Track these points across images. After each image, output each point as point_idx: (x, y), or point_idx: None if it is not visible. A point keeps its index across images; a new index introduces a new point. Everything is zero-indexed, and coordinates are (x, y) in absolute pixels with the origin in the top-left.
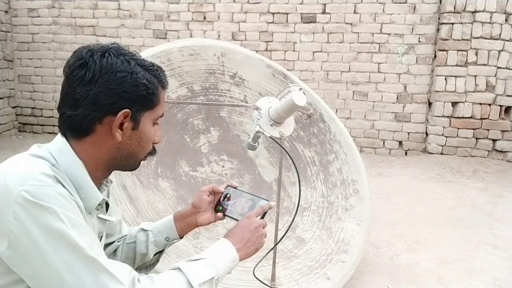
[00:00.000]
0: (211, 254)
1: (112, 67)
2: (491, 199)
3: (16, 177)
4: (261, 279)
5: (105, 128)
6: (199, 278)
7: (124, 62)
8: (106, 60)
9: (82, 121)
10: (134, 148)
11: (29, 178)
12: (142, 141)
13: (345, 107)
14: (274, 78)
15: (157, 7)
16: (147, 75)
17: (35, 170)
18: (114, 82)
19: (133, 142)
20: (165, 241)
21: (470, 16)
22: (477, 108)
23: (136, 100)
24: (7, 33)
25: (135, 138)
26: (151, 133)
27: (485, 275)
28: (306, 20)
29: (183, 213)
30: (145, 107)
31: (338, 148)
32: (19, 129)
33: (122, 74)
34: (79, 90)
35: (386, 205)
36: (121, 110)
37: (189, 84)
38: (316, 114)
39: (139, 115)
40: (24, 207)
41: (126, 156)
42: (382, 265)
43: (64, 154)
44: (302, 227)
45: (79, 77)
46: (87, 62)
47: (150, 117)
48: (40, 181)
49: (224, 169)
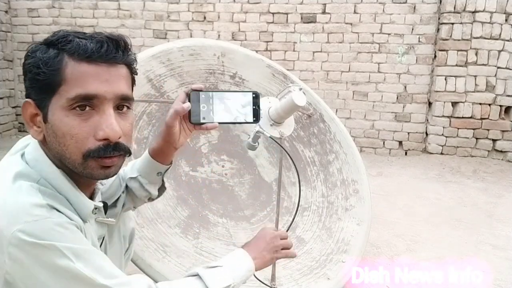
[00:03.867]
0: (228, 263)
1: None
2: (491, 199)
3: (6, 215)
4: (261, 279)
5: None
6: (216, 284)
7: (42, 49)
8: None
9: None
10: (55, 147)
11: (21, 214)
12: (58, 137)
13: (345, 107)
14: (274, 78)
15: (157, 7)
16: (43, 52)
17: (25, 203)
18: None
19: (51, 139)
20: (158, 176)
21: (470, 16)
22: (477, 108)
23: (32, 86)
24: (7, 33)
25: (50, 134)
26: (65, 124)
27: (485, 275)
28: (306, 20)
29: (158, 148)
30: (45, 91)
31: (338, 148)
32: (19, 129)
33: (28, 61)
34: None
35: (386, 205)
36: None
37: (189, 84)
38: (316, 114)
39: (44, 103)
40: (22, 248)
41: (58, 156)
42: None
43: (40, 164)
44: (302, 227)
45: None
46: (29, 55)
47: (58, 103)
48: (33, 216)
49: (224, 169)
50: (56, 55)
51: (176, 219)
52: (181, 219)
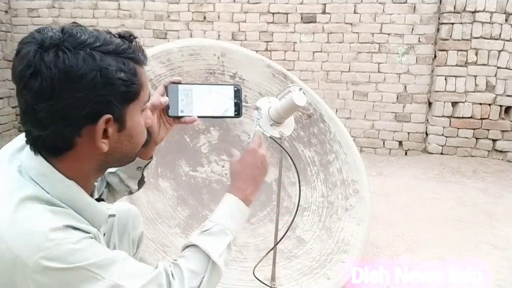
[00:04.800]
0: (220, 217)
1: (73, 70)
2: (491, 199)
3: (25, 244)
4: (261, 279)
5: (87, 139)
6: (217, 249)
7: (86, 59)
8: (63, 61)
9: (56, 140)
10: (126, 149)
11: (40, 241)
12: (133, 138)
13: (345, 107)
14: (274, 78)
15: (157, 7)
16: (120, 63)
17: (43, 229)
18: (81, 89)
19: (124, 143)
20: (138, 170)
21: (470, 16)
22: (477, 108)
23: (115, 100)
24: (7, 33)
25: (124, 138)
26: (141, 124)
27: (485, 275)
28: (306, 20)
29: None
30: (127, 101)
31: (338, 148)
32: (19, 129)
33: (89, 77)
34: (40, 107)
35: (386, 205)
36: (101, 117)
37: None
38: (316, 114)
39: (123, 113)
40: (47, 274)
41: (119, 158)
42: (382, 265)
43: (50, 180)
44: (302, 227)
45: (35, 92)
46: (39, 70)
47: (136, 108)
48: (53, 241)
49: (224, 169)
50: (131, 66)
51: (176, 219)
52: (181, 219)
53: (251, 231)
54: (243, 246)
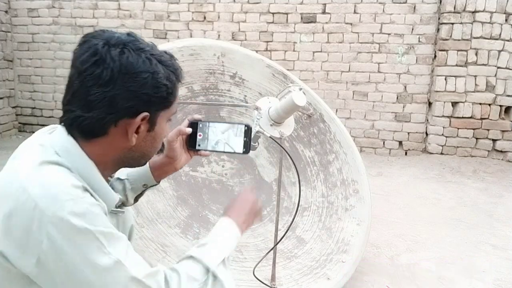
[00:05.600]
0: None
1: (133, 67)
2: (491, 199)
3: (46, 195)
4: (261, 279)
5: (120, 130)
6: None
7: (145, 61)
8: (126, 58)
9: (95, 124)
10: (147, 149)
11: (60, 194)
12: (155, 142)
13: (345, 107)
14: (274, 78)
15: (157, 7)
16: (166, 73)
17: (64, 183)
18: (134, 84)
19: (147, 143)
20: (143, 187)
21: (470, 16)
22: (477, 108)
23: (156, 102)
24: (7, 33)
25: (149, 139)
26: (164, 131)
27: (485, 275)
28: (306, 20)
29: (160, 163)
30: (163, 107)
31: (338, 148)
32: (19, 129)
33: (143, 75)
34: (94, 91)
35: (386, 205)
36: (139, 113)
37: (189, 84)
38: (316, 114)
39: (156, 116)
40: (61, 228)
41: (138, 157)
42: (382, 265)
43: (73, 156)
44: (302, 227)
45: (95, 76)
46: (104, 59)
47: (165, 116)
48: (73, 196)
49: (224, 169)
50: (173, 79)
51: (176, 219)
52: (181, 219)
53: (251, 231)
54: (243, 246)
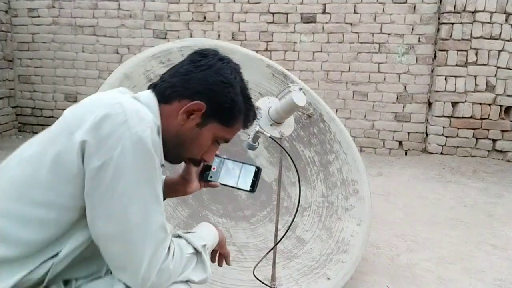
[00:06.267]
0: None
1: (222, 70)
2: (491, 199)
3: (137, 116)
4: (261, 279)
5: (179, 107)
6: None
7: (233, 76)
8: (222, 63)
9: (168, 89)
10: (187, 142)
11: (147, 122)
12: (196, 141)
13: (345, 107)
14: (274, 78)
15: (157, 7)
16: (240, 101)
17: (151, 116)
18: (213, 80)
19: (189, 136)
20: None
21: (470, 16)
22: (477, 108)
23: (216, 106)
24: (7, 33)
25: (193, 134)
26: (207, 143)
27: (485, 275)
28: (306, 20)
29: (174, 181)
30: (219, 119)
31: (338, 148)
32: (19, 129)
33: (224, 80)
34: (185, 67)
35: (386, 205)
36: (200, 101)
37: None
38: (316, 114)
39: (210, 120)
40: (135, 146)
41: (176, 144)
42: (382, 265)
43: (151, 110)
44: (302, 227)
45: (192, 60)
46: (207, 55)
47: (216, 131)
48: (153, 127)
49: None
50: (241, 111)
51: (176, 219)
52: (181, 219)
53: (251, 231)
54: (243, 246)
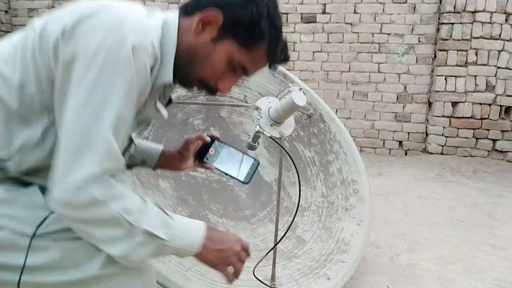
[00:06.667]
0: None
1: None
2: (491, 199)
3: (133, 23)
4: (261, 279)
5: (199, 17)
6: (150, 226)
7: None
8: None
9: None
10: (198, 58)
11: (141, 32)
12: (209, 58)
13: (345, 107)
14: (274, 78)
15: (157, 7)
16: (264, 24)
17: (149, 31)
18: None
19: (201, 51)
20: (140, 162)
21: (470, 16)
22: (477, 108)
23: (234, 21)
24: (7, 33)
25: (206, 49)
26: (220, 63)
27: (485, 275)
28: (306, 20)
29: (170, 154)
30: (236, 36)
31: (338, 148)
32: None
33: (259, 4)
34: None
35: (386, 205)
36: (219, 11)
37: None
38: (316, 114)
39: (225, 36)
40: (120, 46)
41: (187, 60)
42: (382, 265)
43: (168, 28)
44: (302, 227)
45: None
46: None
47: (231, 50)
48: (146, 40)
49: None
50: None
51: None
52: None
53: (251, 231)
54: None
